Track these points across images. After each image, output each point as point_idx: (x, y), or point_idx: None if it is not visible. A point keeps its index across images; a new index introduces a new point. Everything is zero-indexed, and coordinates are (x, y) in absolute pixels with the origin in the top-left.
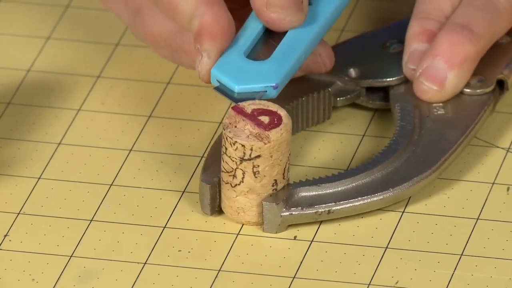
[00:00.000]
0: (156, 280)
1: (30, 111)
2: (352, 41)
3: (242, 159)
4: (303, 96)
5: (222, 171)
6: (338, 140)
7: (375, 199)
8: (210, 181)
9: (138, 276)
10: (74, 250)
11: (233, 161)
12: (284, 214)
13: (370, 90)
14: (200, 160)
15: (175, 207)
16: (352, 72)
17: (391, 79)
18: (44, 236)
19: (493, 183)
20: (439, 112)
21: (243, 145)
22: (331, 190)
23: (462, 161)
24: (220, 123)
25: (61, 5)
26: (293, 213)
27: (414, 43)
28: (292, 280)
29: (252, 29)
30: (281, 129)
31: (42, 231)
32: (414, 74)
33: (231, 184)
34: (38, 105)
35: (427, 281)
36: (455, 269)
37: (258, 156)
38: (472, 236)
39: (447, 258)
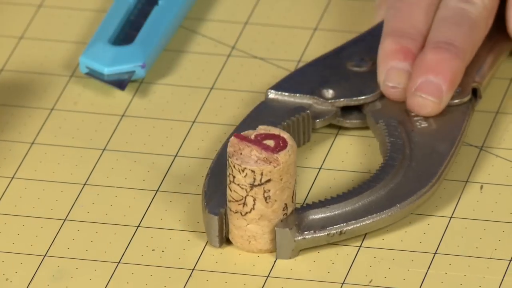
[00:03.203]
0: (130, 279)
1: (3, 111)
2: (316, 62)
3: (252, 185)
4: (283, 121)
5: (230, 201)
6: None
7: (384, 216)
8: (217, 213)
9: (112, 275)
10: (48, 250)
11: (242, 188)
12: (298, 238)
13: (345, 109)
14: (174, 160)
15: (149, 206)
16: (326, 93)
17: (366, 96)
18: (17, 236)
19: (467, 182)
20: (422, 125)
21: (252, 171)
22: (339, 211)
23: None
24: (194, 122)
25: (33, 4)
26: (306, 237)
27: (391, 61)
28: (266, 279)
29: (114, 18)
30: (288, 151)
31: (15, 230)
32: (409, 89)
33: (241, 213)
34: (11, 105)
35: (401, 279)
36: (428, 267)
37: (269, 181)
38: (446, 234)
39: (421, 257)
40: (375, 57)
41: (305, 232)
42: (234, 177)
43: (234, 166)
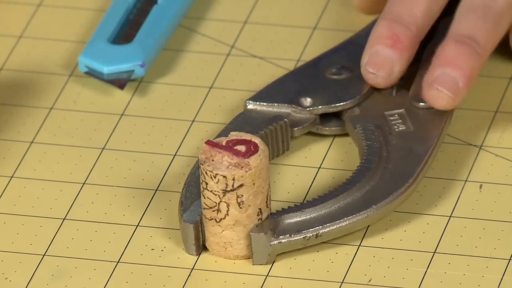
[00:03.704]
0: (129, 279)
1: (2, 110)
2: (296, 72)
3: (225, 191)
4: (261, 130)
5: (204, 208)
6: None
7: (360, 217)
8: (193, 221)
9: (111, 274)
10: (47, 249)
11: (215, 195)
12: (273, 243)
13: (324, 116)
14: (173, 159)
15: (148, 205)
16: (304, 101)
17: (343, 103)
18: (17, 235)
19: (466, 181)
20: (400, 128)
21: (224, 176)
22: (315, 214)
23: (435, 159)
24: (193, 121)
25: (33, 3)
26: (282, 241)
27: (377, 45)
28: (265, 278)
29: (114, 17)
30: (259, 155)
31: (15, 229)
32: (426, 80)
33: (215, 220)
34: (10, 104)
35: (400, 278)
36: (428, 266)
37: (241, 186)
38: (445, 233)
39: (420, 256)
40: (355, 65)
41: (281, 236)
42: (206, 183)
43: (206, 173)
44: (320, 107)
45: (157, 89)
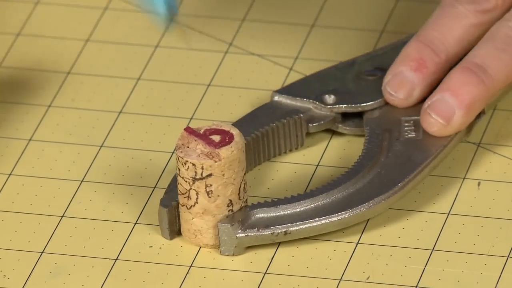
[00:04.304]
0: (127, 276)
1: (0, 107)
2: (332, 68)
3: (194, 179)
4: (273, 122)
5: (179, 194)
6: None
7: (333, 219)
8: (168, 205)
9: (109, 272)
10: (45, 246)
11: (186, 181)
12: (240, 235)
13: (346, 116)
14: (171, 157)
15: (146, 203)
16: (327, 98)
17: (365, 104)
18: (15, 232)
19: (464, 178)
20: (410, 135)
21: (193, 164)
22: (289, 211)
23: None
24: (191, 119)
25: (31, 1)
26: (249, 234)
27: (402, 66)
28: (264, 276)
29: None
30: (231, 147)
31: (13, 227)
32: (424, 103)
33: (186, 206)
34: (8, 102)
35: (399, 276)
36: (426, 264)
37: (210, 175)
38: (443, 231)
39: (418, 253)
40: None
41: (248, 230)
42: (179, 169)
43: (178, 159)
44: (341, 106)
45: (155, 86)
